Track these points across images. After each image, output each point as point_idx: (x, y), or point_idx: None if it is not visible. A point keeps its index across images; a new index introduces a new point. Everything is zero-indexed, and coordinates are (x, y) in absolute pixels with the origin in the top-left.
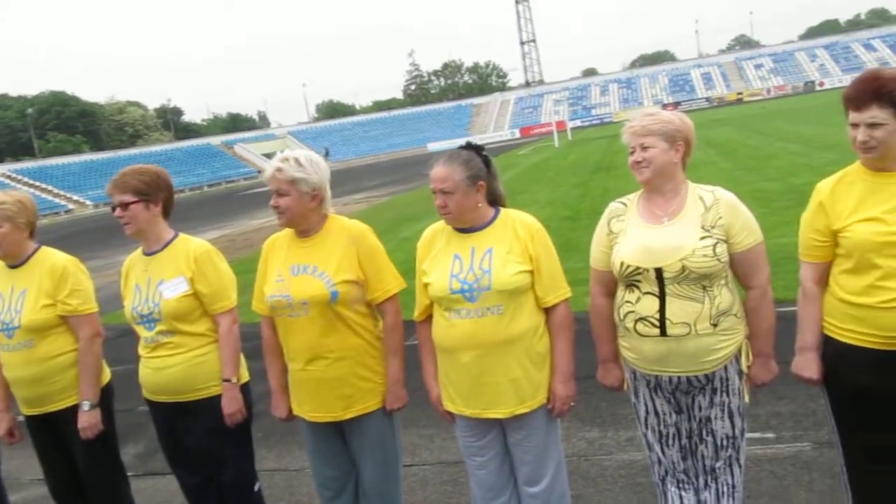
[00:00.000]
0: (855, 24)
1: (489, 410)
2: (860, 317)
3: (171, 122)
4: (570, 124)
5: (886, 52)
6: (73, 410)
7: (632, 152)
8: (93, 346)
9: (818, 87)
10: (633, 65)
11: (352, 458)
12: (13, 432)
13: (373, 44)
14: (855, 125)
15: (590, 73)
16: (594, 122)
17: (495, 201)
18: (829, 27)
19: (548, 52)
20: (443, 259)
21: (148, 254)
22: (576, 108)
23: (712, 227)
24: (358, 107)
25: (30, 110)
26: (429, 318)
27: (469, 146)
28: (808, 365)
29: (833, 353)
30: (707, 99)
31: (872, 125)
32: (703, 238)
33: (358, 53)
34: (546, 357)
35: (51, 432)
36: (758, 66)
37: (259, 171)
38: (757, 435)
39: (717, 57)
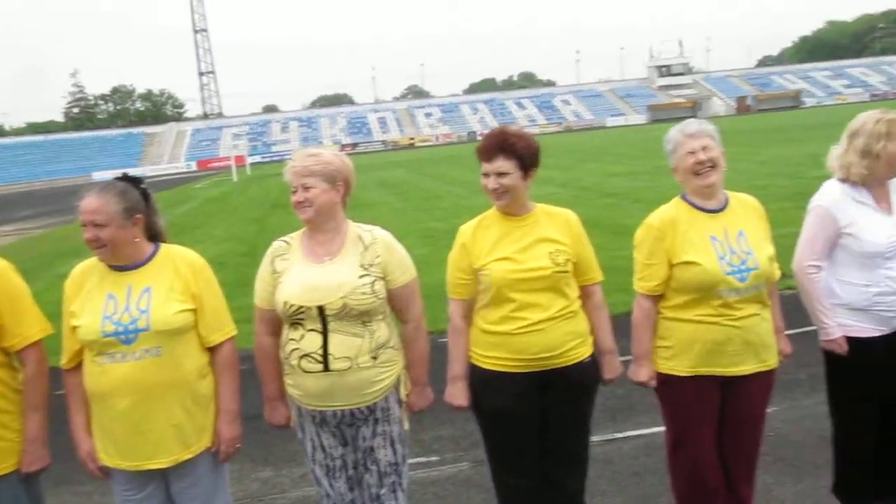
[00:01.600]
0: (509, 84)
1: (151, 461)
2: (499, 343)
3: None
4: (250, 159)
5: (534, 110)
6: None
7: (294, 192)
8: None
9: (479, 137)
10: (314, 105)
11: None
12: None
13: (25, 59)
14: (486, 174)
15: (270, 109)
16: (274, 158)
17: (155, 237)
18: (488, 84)
19: (227, 85)
20: (95, 299)
21: None
22: (256, 143)
23: (370, 266)
24: (8, 128)
25: None
26: (79, 365)
27: (126, 178)
28: (457, 393)
29: (479, 379)
30: (383, 142)
31: (500, 174)
32: (362, 276)
33: (7, 70)
34: (211, 398)
35: None
36: (428, 115)
37: None
38: (422, 459)
39: (392, 103)
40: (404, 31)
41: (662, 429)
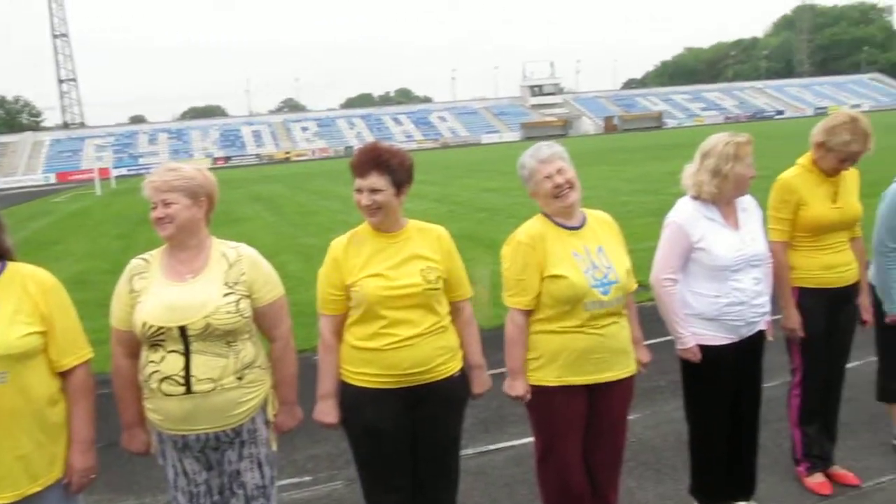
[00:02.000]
0: (386, 100)
1: None
2: (369, 359)
3: None
4: (115, 172)
5: (410, 126)
6: None
7: (154, 208)
8: None
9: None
10: (184, 116)
11: None
12: None
13: None
14: (359, 190)
15: (138, 120)
16: (141, 171)
17: (2, 255)
18: (365, 100)
19: (91, 94)
20: None
21: None
22: (121, 155)
23: (235, 284)
24: None
25: None
26: None
27: None
28: (327, 411)
29: (348, 396)
30: (257, 156)
31: (373, 190)
32: (226, 294)
33: None
34: (63, 427)
35: None
36: (304, 129)
37: None
38: (295, 480)
39: (266, 117)
40: (279, 42)
41: (532, 439)
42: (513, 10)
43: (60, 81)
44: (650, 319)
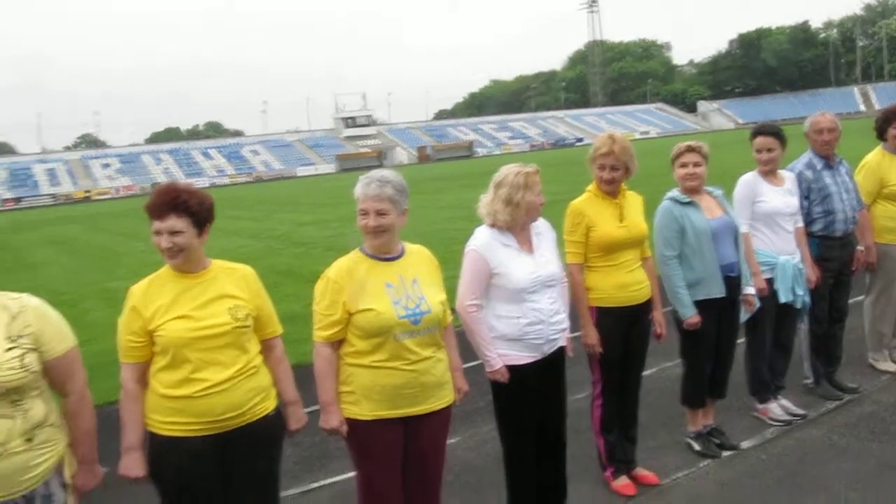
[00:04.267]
0: (195, 134)
1: None
2: (179, 408)
3: None
4: None
5: (222, 160)
6: None
7: None
8: None
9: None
10: None
11: None
12: None
13: None
14: (158, 232)
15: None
16: None
17: None
18: (172, 134)
19: None
20: None
21: None
22: None
23: (19, 337)
24: None
25: None
26: None
27: None
28: (133, 465)
29: (158, 447)
30: (53, 196)
31: (173, 232)
32: (9, 349)
33: None
34: None
35: None
36: (105, 165)
37: None
38: None
39: (62, 153)
40: (74, 73)
41: (354, 473)
42: (323, 40)
43: None
44: (466, 344)
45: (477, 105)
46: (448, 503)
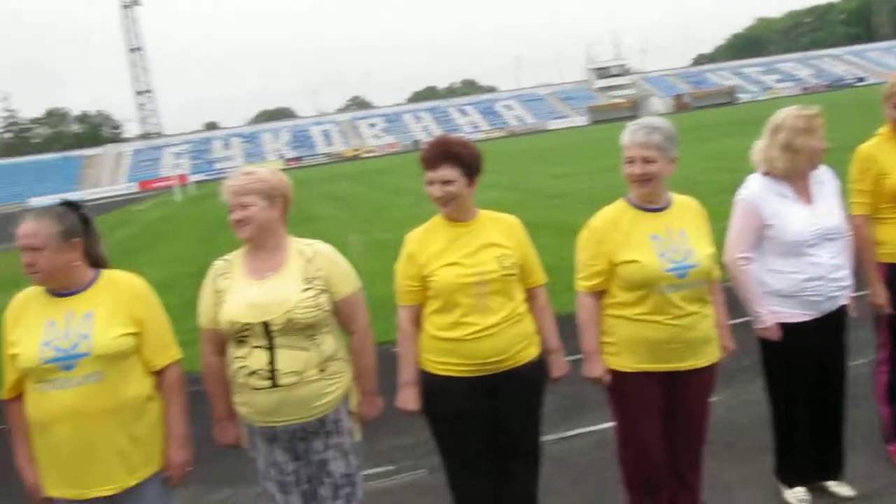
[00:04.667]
0: (451, 92)
1: (95, 488)
2: (450, 349)
3: None
4: (193, 178)
5: (477, 116)
6: None
7: (232, 211)
8: None
9: (423, 146)
10: (256, 120)
11: None
12: None
13: None
14: (431, 182)
15: (211, 126)
16: (217, 176)
17: (96, 264)
18: (430, 93)
19: (167, 103)
20: (34, 326)
21: None
22: (198, 161)
23: (313, 279)
24: None
25: None
26: (20, 396)
27: (65, 203)
28: (409, 399)
29: (430, 384)
30: (327, 154)
31: (445, 182)
32: (305, 290)
33: None
34: (158, 423)
35: None
36: (371, 125)
37: None
38: (379, 469)
39: (334, 115)
40: (344, 41)
41: (612, 423)
42: None
43: (138, 93)
44: (731, 300)
45: (740, 47)
46: (708, 462)
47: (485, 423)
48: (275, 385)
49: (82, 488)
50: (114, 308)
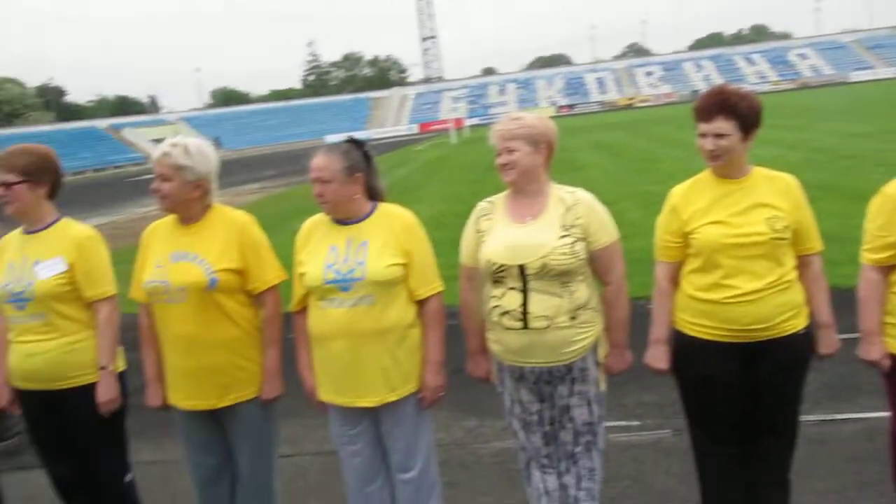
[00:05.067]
0: (738, 39)
1: (360, 399)
2: (707, 311)
3: (52, 102)
4: (468, 122)
5: (765, 65)
6: None
7: (498, 154)
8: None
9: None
10: (531, 66)
11: (227, 446)
12: None
13: (270, 30)
14: (703, 135)
15: (489, 72)
16: (492, 120)
17: (374, 197)
18: (714, 40)
19: (448, 49)
20: (319, 249)
21: (28, 233)
22: (474, 106)
23: (571, 227)
24: (254, 94)
25: None
26: (304, 309)
27: (351, 140)
28: (659, 356)
29: (682, 344)
30: (600, 103)
31: (719, 135)
32: (562, 237)
33: (253, 40)
34: (417, 348)
35: None
36: (648, 74)
37: (147, 157)
38: (623, 423)
39: (610, 63)
40: None
41: (887, 414)
42: None
43: (423, 39)
44: None
45: None
46: None
47: (736, 393)
48: (526, 327)
49: (349, 397)
50: (386, 239)
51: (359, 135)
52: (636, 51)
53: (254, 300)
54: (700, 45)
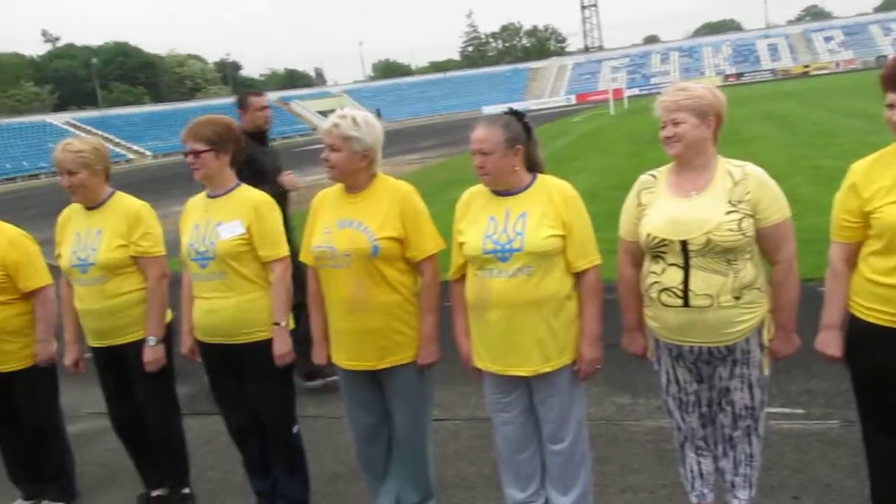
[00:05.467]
0: None
1: (514, 368)
2: (887, 297)
3: (229, 76)
4: (628, 92)
5: None
6: (137, 345)
7: (663, 127)
8: (160, 286)
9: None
10: (697, 33)
11: (385, 406)
12: (78, 363)
13: (430, 4)
14: (892, 106)
15: (651, 40)
16: (653, 90)
17: (534, 168)
18: None
19: (609, 17)
20: (478, 220)
21: (211, 196)
22: (634, 75)
23: (739, 202)
24: (413, 67)
25: (94, 60)
26: (462, 278)
27: (511, 112)
28: (831, 342)
29: (857, 331)
30: (771, 71)
31: None
32: (729, 212)
33: (414, 12)
34: (573, 320)
35: (115, 366)
36: (827, 39)
37: (314, 129)
38: (786, 410)
39: (784, 28)
40: None
41: None
42: None
43: (583, 8)
44: None
45: None
46: None
47: None
48: (686, 305)
49: (504, 366)
50: (545, 210)
51: (516, 106)
52: (814, 14)
53: (413, 268)
54: (889, 5)
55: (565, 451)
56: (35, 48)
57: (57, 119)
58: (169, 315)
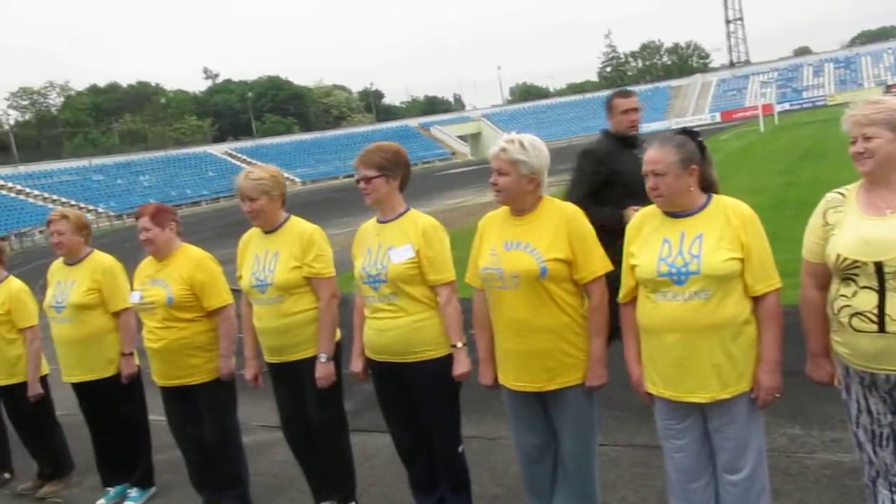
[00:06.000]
0: None
1: (690, 394)
2: None
3: (372, 104)
4: (778, 108)
5: None
6: (310, 362)
7: (853, 142)
8: (331, 305)
9: None
10: (853, 42)
11: (551, 428)
12: (258, 378)
13: (568, 25)
14: None
15: (802, 52)
16: (805, 105)
17: (708, 188)
18: None
19: (755, 30)
20: (652, 242)
21: (382, 221)
22: (784, 90)
23: None
24: (552, 89)
25: (249, 94)
26: (633, 300)
27: (684, 131)
28: None
29: None
30: None
31: None
32: None
33: (553, 35)
34: (752, 346)
35: (289, 381)
36: None
37: (453, 153)
38: None
39: None
40: None
41: None
42: None
43: (727, 22)
44: None
45: None
46: None
47: None
48: (882, 330)
49: (679, 392)
50: (722, 232)
51: (657, 125)
52: None
53: (580, 289)
54: None
55: (743, 483)
56: (197, 84)
57: (216, 150)
58: (338, 334)
